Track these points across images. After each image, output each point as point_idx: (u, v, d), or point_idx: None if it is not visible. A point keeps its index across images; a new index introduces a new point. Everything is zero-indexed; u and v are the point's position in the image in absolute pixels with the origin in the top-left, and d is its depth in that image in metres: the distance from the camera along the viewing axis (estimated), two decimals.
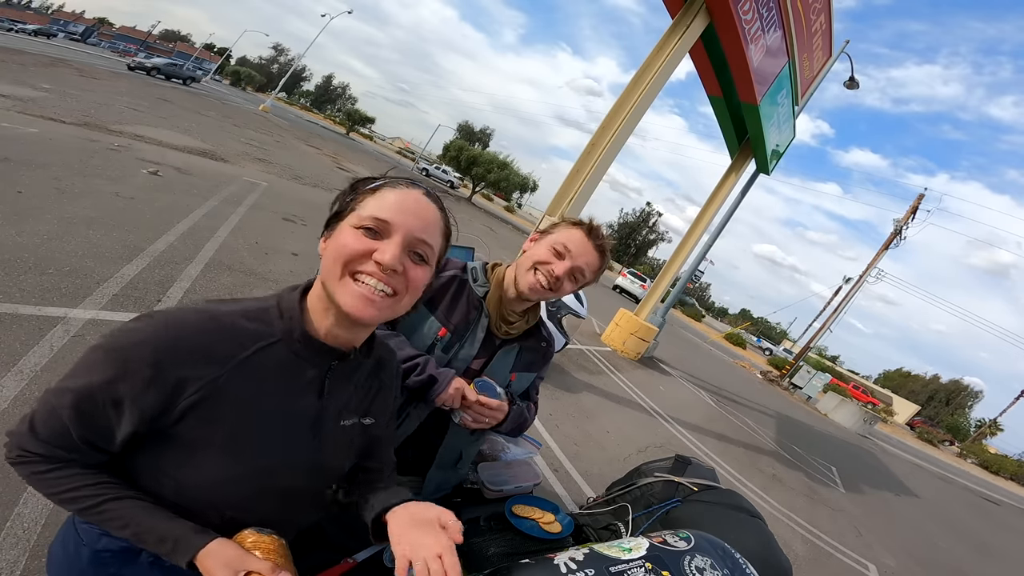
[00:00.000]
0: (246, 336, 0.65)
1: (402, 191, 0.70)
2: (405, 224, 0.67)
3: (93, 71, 16.77)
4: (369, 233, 0.66)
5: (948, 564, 6.10)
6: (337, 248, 0.66)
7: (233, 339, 0.64)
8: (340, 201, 0.71)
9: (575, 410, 4.93)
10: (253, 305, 0.69)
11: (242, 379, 0.64)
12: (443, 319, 1.15)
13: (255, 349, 0.65)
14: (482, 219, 24.90)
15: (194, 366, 0.61)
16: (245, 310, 0.67)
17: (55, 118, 7.20)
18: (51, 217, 3.74)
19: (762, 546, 1.16)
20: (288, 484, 0.71)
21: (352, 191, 0.72)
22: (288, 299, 0.71)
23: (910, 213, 19.73)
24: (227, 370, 0.63)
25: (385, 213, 0.67)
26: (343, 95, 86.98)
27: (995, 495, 16.98)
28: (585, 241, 1.16)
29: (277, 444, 0.68)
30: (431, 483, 1.19)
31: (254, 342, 0.66)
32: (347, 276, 0.66)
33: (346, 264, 0.65)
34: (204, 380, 0.61)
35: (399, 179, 0.72)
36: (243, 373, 0.64)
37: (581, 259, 1.15)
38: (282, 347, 0.67)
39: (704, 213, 9.71)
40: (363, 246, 0.65)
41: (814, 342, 24.00)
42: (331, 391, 0.72)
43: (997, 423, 37.15)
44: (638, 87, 4.81)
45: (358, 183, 0.72)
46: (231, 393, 0.63)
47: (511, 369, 1.23)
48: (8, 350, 2.25)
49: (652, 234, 62.79)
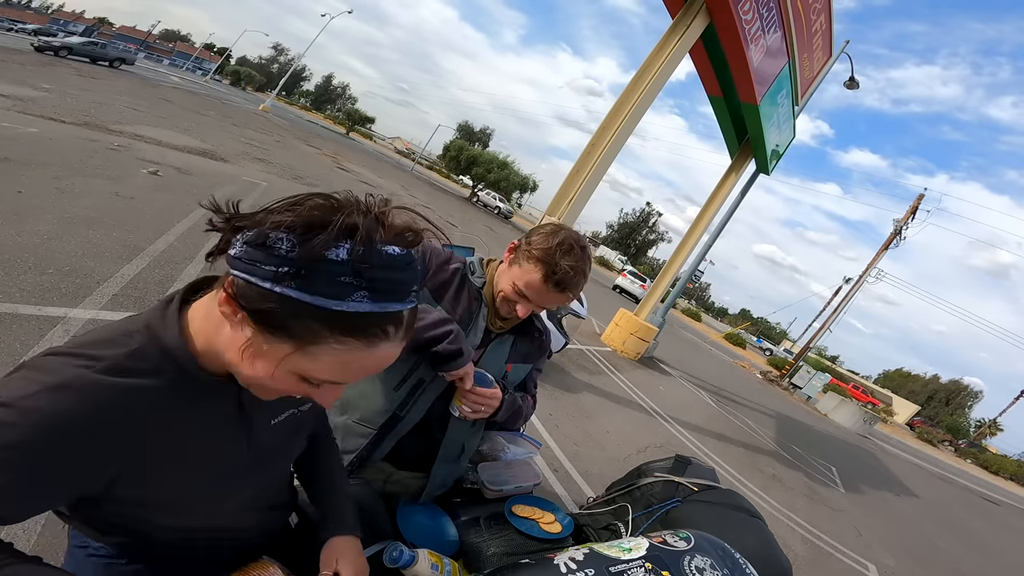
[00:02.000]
0: (133, 404, 0.52)
1: (375, 354, 0.51)
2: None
3: (93, 71, 16.77)
4: (306, 383, 0.54)
5: (948, 564, 6.10)
6: (268, 384, 0.53)
7: (122, 418, 0.51)
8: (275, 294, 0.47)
9: (575, 410, 4.93)
10: (123, 347, 0.54)
11: (151, 442, 0.55)
12: (449, 309, 1.17)
13: (151, 414, 0.54)
14: (482, 219, 24.90)
15: (92, 459, 0.51)
16: (115, 361, 0.52)
17: (55, 118, 7.20)
18: (51, 217, 3.74)
19: (762, 546, 1.16)
20: (244, 498, 0.71)
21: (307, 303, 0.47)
22: (168, 332, 0.56)
23: (910, 213, 19.74)
24: (128, 451, 0.53)
25: (344, 382, 0.54)
26: (343, 95, 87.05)
27: (995, 495, 16.98)
28: (543, 289, 1.11)
29: (217, 475, 0.64)
30: (436, 478, 1.20)
31: (147, 407, 0.53)
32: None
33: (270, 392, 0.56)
34: (108, 463, 0.52)
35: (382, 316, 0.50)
36: (149, 438, 0.54)
37: (542, 302, 1.15)
38: (173, 387, 0.55)
39: (704, 213, 9.71)
40: (301, 391, 0.55)
41: (814, 342, 24.02)
42: (251, 401, 0.63)
43: (997, 423, 37.18)
44: (638, 87, 4.81)
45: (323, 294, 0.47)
46: (144, 460, 0.55)
47: (506, 360, 1.25)
48: (8, 350, 2.25)
49: (652, 234, 62.86)
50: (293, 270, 0.46)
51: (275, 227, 0.47)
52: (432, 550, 0.98)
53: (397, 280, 0.50)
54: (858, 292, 21.34)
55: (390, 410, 1.14)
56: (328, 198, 0.50)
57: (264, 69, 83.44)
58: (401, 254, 0.50)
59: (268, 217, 0.48)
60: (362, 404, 1.15)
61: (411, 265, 0.51)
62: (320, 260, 0.46)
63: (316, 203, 0.49)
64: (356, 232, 0.47)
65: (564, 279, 1.09)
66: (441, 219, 14.99)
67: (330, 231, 0.46)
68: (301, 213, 0.47)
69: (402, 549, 0.90)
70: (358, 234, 0.47)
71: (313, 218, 0.47)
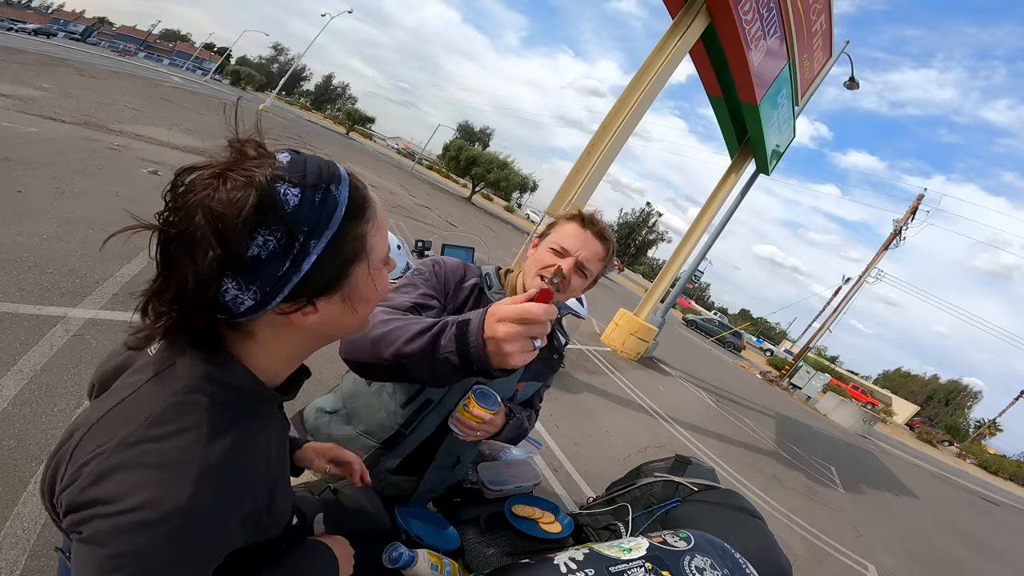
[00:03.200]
0: (243, 451, 0.53)
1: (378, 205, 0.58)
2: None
3: (93, 70, 16.76)
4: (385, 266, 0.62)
5: (947, 564, 6.10)
6: (378, 296, 0.60)
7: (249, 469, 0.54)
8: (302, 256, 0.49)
9: (575, 410, 4.93)
10: (197, 407, 0.51)
11: (267, 479, 0.58)
12: None
13: (258, 452, 0.56)
14: (482, 219, 24.89)
15: (246, 517, 0.53)
16: (209, 423, 0.50)
17: (55, 117, 7.20)
18: (51, 217, 3.74)
19: (762, 546, 1.16)
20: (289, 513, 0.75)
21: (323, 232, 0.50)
22: (238, 376, 0.55)
23: (910, 213, 19.74)
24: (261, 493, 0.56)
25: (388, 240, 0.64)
26: (343, 95, 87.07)
27: (994, 495, 16.98)
28: (581, 232, 1.12)
29: (288, 478, 0.70)
30: (427, 483, 1.19)
31: (253, 446, 0.55)
32: None
33: None
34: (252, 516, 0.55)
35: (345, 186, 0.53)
36: (264, 476, 0.57)
37: (583, 252, 1.11)
38: (254, 417, 0.57)
39: (704, 213, 9.71)
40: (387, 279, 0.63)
41: (813, 342, 24.02)
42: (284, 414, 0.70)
43: (996, 423, 37.19)
44: (638, 87, 4.81)
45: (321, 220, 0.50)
46: (268, 496, 0.58)
47: (519, 379, 1.20)
48: (8, 349, 2.25)
49: (652, 234, 62.88)
50: (302, 236, 0.47)
51: (241, 247, 0.45)
52: (432, 550, 0.98)
53: (322, 163, 0.52)
54: (858, 292, 21.37)
55: (395, 427, 1.11)
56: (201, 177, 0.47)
57: (264, 69, 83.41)
58: (293, 151, 0.52)
59: (216, 255, 0.44)
60: (368, 417, 1.13)
61: (300, 152, 0.53)
62: (296, 209, 0.47)
63: (207, 189, 0.45)
64: (270, 171, 0.47)
65: (598, 222, 1.13)
66: (441, 219, 14.99)
67: (263, 190, 0.45)
68: (226, 211, 0.44)
69: (402, 549, 0.90)
70: (272, 170, 0.47)
71: (237, 201, 0.44)
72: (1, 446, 1.79)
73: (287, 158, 0.49)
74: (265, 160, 0.48)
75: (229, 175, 0.45)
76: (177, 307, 0.48)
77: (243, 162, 0.47)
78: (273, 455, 0.61)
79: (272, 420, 0.64)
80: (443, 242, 3.66)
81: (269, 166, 0.47)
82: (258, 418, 0.59)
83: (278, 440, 0.64)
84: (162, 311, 0.49)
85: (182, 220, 0.45)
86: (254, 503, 0.55)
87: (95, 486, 0.47)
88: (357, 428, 1.13)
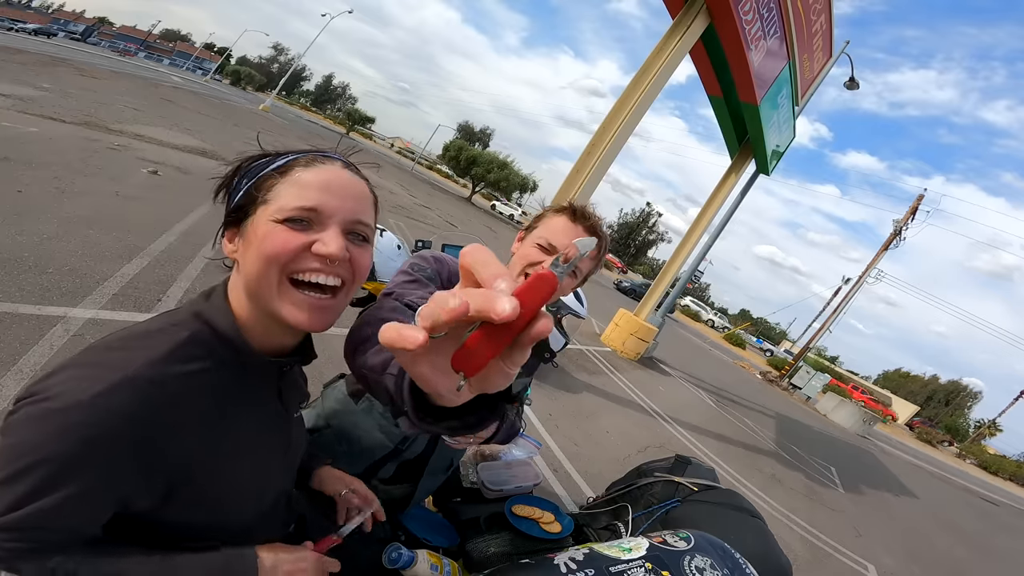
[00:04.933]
0: (202, 389, 0.54)
1: (320, 169, 0.59)
2: (340, 208, 0.57)
3: (93, 70, 16.76)
4: (297, 225, 0.56)
5: (947, 564, 6.10)
6: (266, 250, 0.55)
7: (195, 404, 0.53)
8: (235, 190, 0.60)
9: (575, 410, 4.93)
10: (175, 335, 0.54)
11: (220, 428, 0.56)
12: None
13: (218, 398, 0.55)
14: (482, 219, 24.89)
15: (172, 449, 0.51)
16: (173, 348, 0.52)
17: (55, 117, 7.19)
18: (51, 216, 3.74)
19: (762, 546, 1.16)
20: (278, 494, 0.72)
21: (249, 176, 0.59)
22: (217, 313, 0.58)
23: (910, 213, 19.73)
24: (203, 437, 0.54)
25: (311, 200, 0.56)
26: (343, 95, 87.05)
27: (994, 495, 16.98)
28: (571, 227, 1.03)
29: (265, 467, 0.66)
30: (422, 490, 1.18)
31: (208, 392, 0.54)
32: (286, 282, 0.56)
33: (283, 267, 0.55)
34: (187, 453, 0.53)
35: (306, 153, 0.62)
36: (219, 423, 0.56)
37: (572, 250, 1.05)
38: (229, 373, 0.57)
39: (704, 213, 9.71)
40: (298, 242, 0.55)
41: (813, 342, 24.01)
42: (285, 392, 0.67)
43: (996, 424, 37.18)
44: (639, 87, 4.81)
45: (253, 165, 0.60)
46: (215, 447, 0.56)
47: None
48: (8, 349, 2.25)
49: (652, 234, 62.86)
50: (241, 177, 0.61)
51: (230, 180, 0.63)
52: (432, 550, 0.98)
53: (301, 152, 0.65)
54: (858, 293, 21.36)
55: (392, 444, 1.08)
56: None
57: (264, 69, 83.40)
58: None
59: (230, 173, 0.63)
60: (358, 437, 1.08)
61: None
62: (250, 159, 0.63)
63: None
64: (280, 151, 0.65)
65: (590, 215, 1.03)
66: (441, 219, 14.99)
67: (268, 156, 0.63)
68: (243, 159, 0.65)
69: (401, 550, 0.90)
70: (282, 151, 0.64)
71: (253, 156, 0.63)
72: None
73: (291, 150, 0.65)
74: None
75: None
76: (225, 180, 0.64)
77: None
78: (241, 428, 0.59)
79: (256, 394, 0.62)
80: (443, 242, 3.66)
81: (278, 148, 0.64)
82: (235, 378, 0.58)
83: (257, 421, 0.62)
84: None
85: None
86: (181, 452, 0.52)
87: (40, 381, 0.48)
88: (351, 448, 1.06)
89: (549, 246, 1.02)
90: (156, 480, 0.51)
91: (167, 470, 0.52)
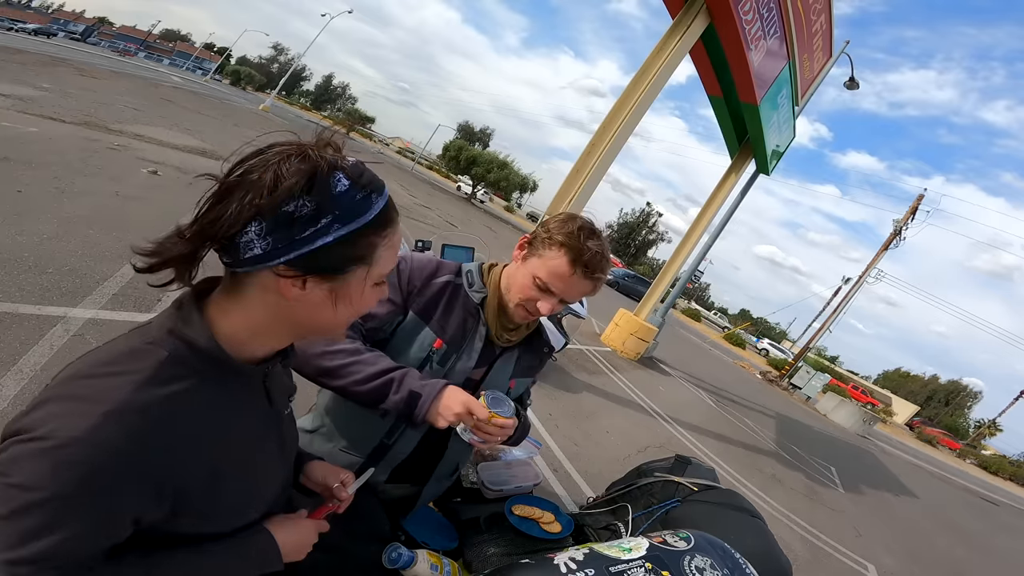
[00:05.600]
0: (190, 411, 0.53)
1: (397, 225, 0.61)
2: None
3: (93, 70, 16.75)
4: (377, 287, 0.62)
5: (947, 564, 6.10)
6: (360, 310, 0.61)
7: (185, 429, 0.52)
8: (314, 223, 0.52)
9: (575, 410, 4.93)
10: (155, 356, 0.52)
11: (214, 445, 0.56)
12: (438, 329, 1.06)
13: (207, 416, 0.55)
14: (482, 219, 24.89)
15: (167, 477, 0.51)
16: (155, 370, 0.51)
17: (55, 117, 7.20)
18: (51, 216, 3.74)
19: (762, 546, 1.16)
20: (276, 494, 0.72)
21: (341, 221, 0.53)
22: (193, 329, 0.55)
23: (910, 213, 19.72)
24: (198, 459, 0.54)
25: (392, 264, 0.62)
26: (343, 95, 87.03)
27: (994, 495, 16.98)
28: (570, 278, 1.00)
29: (263, 471, 0.67)
30: (427, 494, 1.17)
31: (197, 409, 0.53)
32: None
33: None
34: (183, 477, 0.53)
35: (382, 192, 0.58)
36: (211, 442, 0.56)
37: (568, 292, 1.03)
38: (214, 387, 0.56)
39: (704, 213, 9.71)
40: (372, 303, 0.63)
41: (813, 342, 24.01)
42: (273, 393, 0.68)
43: (996, 424, 37.18)
44: (639, 87, 4.81)
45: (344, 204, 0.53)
46: (213, 465, 0.56)
47: (511, 376, 1.17)
48: (8, 349, 2.25)
49: (652, 234, 62.86)
50: (330, 216, 0.52)
51: (283, 200, 0.50)
52: (432, 550, 0.99)
53: (376, 177, 0.58)
54: (858, 293, 21.37)
55: (377, 438, 1.07)
56: (283, 146, 0.54)
57: (264, 69, 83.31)
58: (358, 161, 0.57)
59: (261, 200, 0.50)
60: (348, 431, 1.10)
61: (363, 163, 0.59)
62: (339, 194, 0.52)
63: (284, 154, 0.52)
64: (336, 159, 0.54)
65: (592, 262, 1.00)
66: (441, 219, 14.99)
67: (323, 170, 0.52)
68: (289, 172, 0.50)
69: (401, 550, 0.90)
70: (336, 159, 0.54)
71: (303, 170, 0.51)
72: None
73: (353, 160, 0.56)
74: (337, 153, 0.55)
75: (307, 152, 0.52)
76: (195, 239, 0.52)
77: (321, 148, 0.54)
78: (235, 435, 0.59)
79: (244, 399, 0.62)
80: (443, 242, 3.66)
81: (338, 158, 0.54)
82: (220, 389, 0.57)
83: (250, 426, 0.62)
84: (176, 242, 0.53)
85: (251, 170, 0.51)
86: (181, 472, 0.52)
87: (25, 416, 0.48)
88: (339, 444, 1.09)
89: (544, 286, 1.02)
90: (160, 503, 0.52)
91: (169, 493, 0.52)
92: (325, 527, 0.77)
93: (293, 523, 0.71)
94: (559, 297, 1.03)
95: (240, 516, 0.63)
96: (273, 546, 0.66)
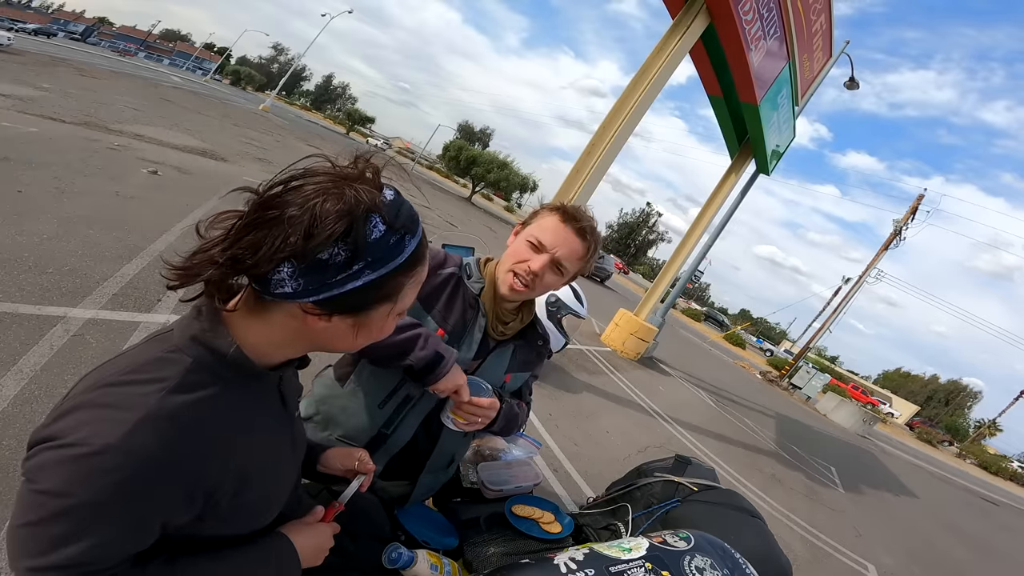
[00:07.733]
0: (217, 416, 0.55)
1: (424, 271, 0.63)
2: None
3: (93, 70, 16.76)
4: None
5: (947, 564, 6.10)
6: (377, 337, 0.64)
7: (213, 433, 0.54)
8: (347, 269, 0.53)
9: (575, 410, 4.93)
10: (180, 363, 0.54)
11: (241, 448, 0.58)
12: (440, 319, 1.08)
13: (232, 421, 0.56)
14: (482, 219, 24.89)
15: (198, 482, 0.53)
16: (182, 378, 0.52)
17: (55, 117, 7.20)
18: (51, 216, 3.74)
19: (762, 546, 1.16)
20: (292, 486, 0.74)
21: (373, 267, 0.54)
22: (215, 336, 0.56)
23: (910, 213, 19.72)
24: (226, 463, 0.56)
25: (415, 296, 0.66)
26: (343, 95, 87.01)
27: (994, 495, 16.98)
28: (561, 228, 1.05)
29: (282, 471, 0.69)
30: (422, 487, 1.17)
31: (222, 414, 0.55)
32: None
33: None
34: (214, 482, 0.54)
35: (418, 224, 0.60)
36: (239, 445, 0.57)
37: (559, 249, 1.04)
38: (237, 391, 0.58)
39: (704, 213, 9.71)
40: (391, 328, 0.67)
41: (813, 342, 24.01)
42: (287, 396, 0.70)
43: (996, 424, 37.17)
44: (638, 87, 4.81)
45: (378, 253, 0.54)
46: (240, 468, 0.58)
47: (506, 370, 1.18)
48: (8, 349, 2.25)
49: (652, 234, 62.89)
50: (362, 263, 0.53)
51: (319, 247, 0.50)
52: (432, 550, 0.98)
53: (412, 213, 0.59)
54: (858, 293, 21.36)
55: (375, 428, 1.07)
56: (321, 179, 0.54)
57: (264, 69, 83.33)
58: (396, 193, 0.58)
59: (296, 244, 0.50)
60: (344, 421, 1.09)
61: (401, 196, 0.59)
62: (373, 241, 0.53)
63: (322, 191, 0.52)
64: (375, 203, 0.54)
65: (580, 217, 1.06)
66: (441, 219, 14.99)
67: (360, 216, 0.52)
68: (325, 215, 0.50)
69: (401, 550, 0.90)
70: (376, 202, 0.54)
71: (340, 212, 0.51)
72: (1, 446, 1.79)
73: (391, 196, 0.56)
74: (374, 191, 0.55)
75: (345, 190, 0.52)
76: (228, 262, 0.52)
77: (359, 180, 0.54)
78: (257, 439, 0.60)
79: (263, 403, 0.63)
80: (443, 242, 3.67)
81: (375, 197, 0.54)
82: (242, 393, 0.59)
83: (268, 428, 0.64)
84: (214, 261, 0.53)
85: (289, 204, 0.51)
86: (210, 476, 0.53)
87: (53, 424, 0.48)
88: (335, 433, 1.08)
89: (539, 244, 1.06)
90: (190, 508, 0.53)
91: (199, 498, 0.53)
92: (338, 529, 0.78)
93: (310, 528, 0.73)
94: (551, 254, 1.05)
95: (259, 518, 0.65)
96: (293, 553, 0.68)
